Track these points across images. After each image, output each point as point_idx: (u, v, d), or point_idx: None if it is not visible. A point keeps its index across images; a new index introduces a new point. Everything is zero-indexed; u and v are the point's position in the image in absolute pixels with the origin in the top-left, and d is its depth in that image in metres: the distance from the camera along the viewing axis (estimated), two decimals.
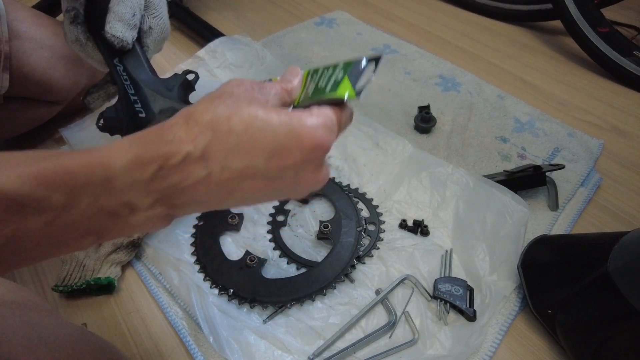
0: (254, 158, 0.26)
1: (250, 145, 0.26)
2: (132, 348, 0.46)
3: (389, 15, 0.98)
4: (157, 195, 0.25)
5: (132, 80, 0.46)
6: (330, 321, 0.46)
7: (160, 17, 0.48)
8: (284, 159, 0.26)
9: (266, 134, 0.26)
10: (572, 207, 0.58)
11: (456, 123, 0.70)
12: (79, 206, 0.23)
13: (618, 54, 0.78)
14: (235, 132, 0.25)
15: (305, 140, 0.26)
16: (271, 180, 0.27)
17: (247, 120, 0.26)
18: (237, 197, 0.27)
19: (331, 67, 0.32)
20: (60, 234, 0.23)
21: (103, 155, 0.24)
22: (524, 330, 0.47)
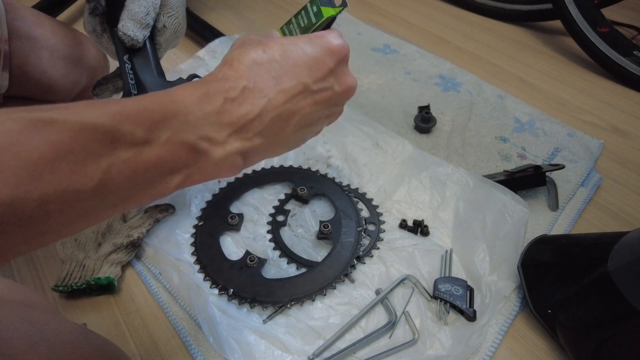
0: (300, 74, 0.30)
1: (292, 66, 0.30)
2: (132, 348, 0.46)
3: (389, 15, 0.98)
4: (229, 128, 0.27)
5: (137, 79, 0.47)
6: (330, 321, 0.46)
7: (175, 17, 0.48)
8: (321, 68, 0.31)
9: (299, 53, 0.31)
10: (572, 207, 0.58)
11: (456, 123, 0.70)
12: (159, 139, 0.24)
13: (618, 54, 0.78)
14: (275, 60, 0.30)
15: (330, 47, 0.32)
16: (318, 93, 0.32)
17: (280, 48, 0.30)
18: (297, 122, 0.31)
19: (300, 11, 0.37)
20: (146, 171, 0.24)
21: (174, 94, 0.26)
22: (524, 330, 0.47)
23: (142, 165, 0.24)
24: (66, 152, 0.21)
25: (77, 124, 0.22)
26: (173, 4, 0.48)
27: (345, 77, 0.34)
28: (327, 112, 0.34)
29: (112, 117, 0.23)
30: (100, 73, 0.71)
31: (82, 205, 0.22)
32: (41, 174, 0.20)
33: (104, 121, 0.23)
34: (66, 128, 0.21)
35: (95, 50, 0.69)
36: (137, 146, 0.24)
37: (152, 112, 0.25)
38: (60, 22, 0.65)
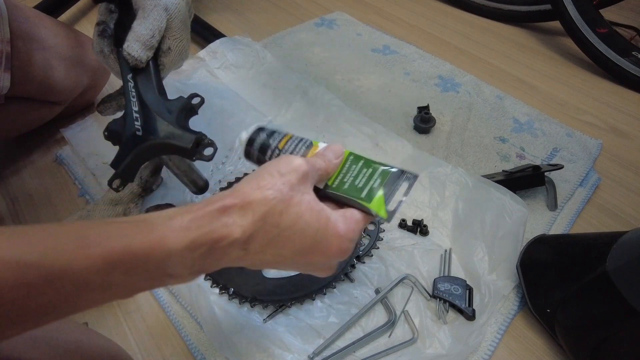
0: (286, 250, 0.30)
1: (288, 240, 0.29)
2: (133, 347, 0.47)
3: (388, 16, 0.99)
4: (196, 268, 0.28)
5: (138, 98, 0.48)
6: (330, 320, 0.47)
7: (180, 40, 0.50)
8: (308, 257, 0.31)
9: (303, 235, 0.30)
10: (570, 207, 0.59)
11: (455, 123, 0.71)
12: (133, 279, 0.25)
13: (617, 55, 0.78)
14: (280, 227, 0.29)
15: (332, 249, 0.31)
16: (289, 266, 0.32)
17: (294, 219, 0.29)
18: (256, 267, 0.31)
19: (371, 165, 0.35)
20: (108, 298, 0.26)
21: (163, 237, 0.25)
22: (522, 329, 0.48)
23: (107, 295, 0.25)
24: (38, 294, 0.22)
25: (59, 271, 0.23)
26: (178, 27, 0.49)
27: (329, 269, 0.33)
28: (292, 270, 0.34)
29: (95, 263, 0.23)
30: (102, 74, 0.71)
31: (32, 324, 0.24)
32: (5, 314, 0.21)
33: (86, 268, 0.23)
34: (48, 274, 0.22)
35: None
36: (110, 286, 0.25)
37: (136, 257, 0.25)
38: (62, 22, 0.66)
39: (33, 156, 0.67)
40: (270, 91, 0.75)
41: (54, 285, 0.23)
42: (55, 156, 0.66)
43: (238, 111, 0.71)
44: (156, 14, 0.46)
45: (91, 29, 0.50)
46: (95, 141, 0.67)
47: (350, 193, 0.33)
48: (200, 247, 0.26)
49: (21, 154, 0.68)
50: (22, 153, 0.68)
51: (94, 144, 0.66)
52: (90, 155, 0.65)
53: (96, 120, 0.70)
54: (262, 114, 0.71)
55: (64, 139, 0.68)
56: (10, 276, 0.21)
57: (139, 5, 0.47)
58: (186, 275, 0.28)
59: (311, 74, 0.81)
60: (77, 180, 0.63)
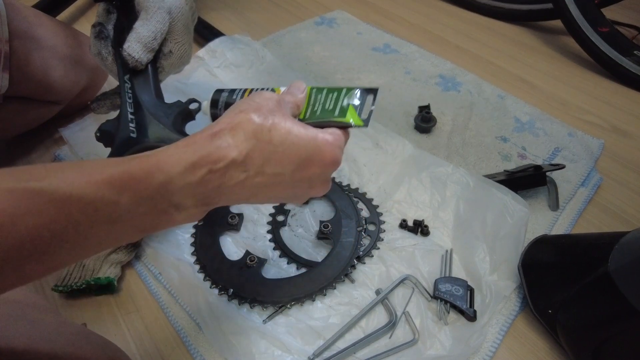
0: (285, 166, 0.30)
1: (284, 155, 0.30)
2: (131, 348, 0.46)
3: (389, 15, 0.98)
4: (200, 196, 0.28)
5: (134, 99, 0.47)
6: (330, 321, 0.46)
7: (182, 44, 0.49)
8: (306, 170, 0.31)
9: (297, 147, 0.31)
10: (572, 207, 0.58)
11: (456, 123, 0.70)
12: (140, 208, 0.26)
13: (618, 54, 0.78)
14: (273, 143, 0.30)
15: (326, 156, 0.32)
16: (291, 186, 0.32)
17: (284, 133, 0.30)
18: (261, 196, 0.32)
19: (335, 90, 0.37)
20: (119, 232, 0.26)
21: (160, 161, 0.26)
22: (524, 330, 0.47)
23: (117, 228, 0.26)
24: (50, 221, 0.23)
25: (65, 195, 0.23)
26: (180, 31, 0.49)
27: (323, 182, 0.34)
28: (298, 195, 0.35)
29: (98, 186, 0.24)
30: (100, 74, 0.71)
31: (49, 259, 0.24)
32: (22, 245, 0.22)
33: (89, 192, 0.24)
34: (54, 198, 0.23)
35: None
36: (119, 212, 0.25)
37: (138, 182, 0.25)
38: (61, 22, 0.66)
39: (32, 156, 0.67)
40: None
41: (63, 211, 0.23)
42: (54, 156, 0.66)
43: None
44: (159, 16, 0.46)
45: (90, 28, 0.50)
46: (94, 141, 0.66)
47: (324, 116, 0.35)
48: (200, 169, 0.27)
49: (20, 153, 0.67)
50: (20, 153, 0.68)
51: (92, 143, 0.66)
52: (89, 155, 0.65)
53: (95, 120, 0.70)
54: None
55: (62, 138, 0.67)
56: (22, 203, 0.22)
57: (142, 6, 0.47)
58: (192, 207, 0.28)
59: (311, 73, 0.80)
60: None
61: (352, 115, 0.35)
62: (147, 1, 0.46)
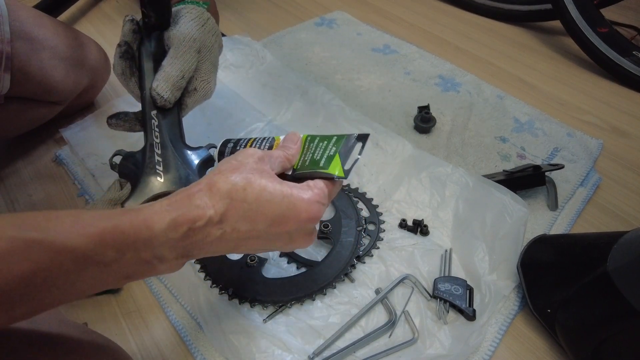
0: (259, 223, 0.32)
1: (258, 213, 0.31)
2: (132, 347, 0.47)
3: (388, 16, 0.98)
4: (182, 249, 0.30)
5: (162, 140, 0.46)
6: (330, 320, 0.47)
7: (207, 82, 0.49)
8: (282, 226, 0.32)
9: (271, 205, 0.32)
10: (571, 206, 0.58)
11: (456, 123, 0.70)
12: (124, 258, 0.28)
13: (617, 54, 0.78)
14: (247, 202, 0.31)
15: (301, 213, 0.32)
16: (269, 240, 0.34)
17: (258, 192, 0.31)
18: (241, 249, 0.34)
19: (326, 138, 0.38)
20: (105, 279, 0.29)
21: (146, 218, 0.29)
22: (523, 329, 0.48)
23: (104, 275, 0.28)
24: (43, 269, 0.25)
25: (60, 246, 0.25)
26: (208, 70, 0.48)
27: (299, 238, 0.35)
28: (273, 247, 0.36)
29: (91, 240, 0.26)
30: (101, 74, 0.71)
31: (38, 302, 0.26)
32: (15, 289, 0.24)
33: (82, 244, 0.26)
34: (49, 249, 0.25)
35: (97, 51, 0.69)
36: (105, 262, 0.27)
37: (126, 236, 0.28)
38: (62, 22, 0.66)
39: (32, 156, 0.67)
40: (270, 91, 0.75)
41: (56, 260, 0.25)
42: (55, 156, 0.66)
43: (238, 111, 0.70)
44: (188, 56, 0.46)
45: (91, 28, 0.50)
46: (95, 141, 0.67)
47: (311, 167, 0.36)
48: (180, 226, 0.29)
49: (20, 153, 0.68)
50: (21, 153, 0.68)
51: (93, 144, 0.66)
52: (90, 155, 0.65)
53: (95, 120, 0.70)
54: (262, 113, 0.70)
55: (63, 139, 0.67)
56: (19, 252, 0.24)
57: (172, 42, 0.46)
58: (173, 260, 0.30)
59: (311, 74, 0.80)
60: (77, 180, 0.63)
61: (336, 166, 0.35)
62: (177, 39, 0.46)
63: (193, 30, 0.47)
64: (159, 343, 0.47)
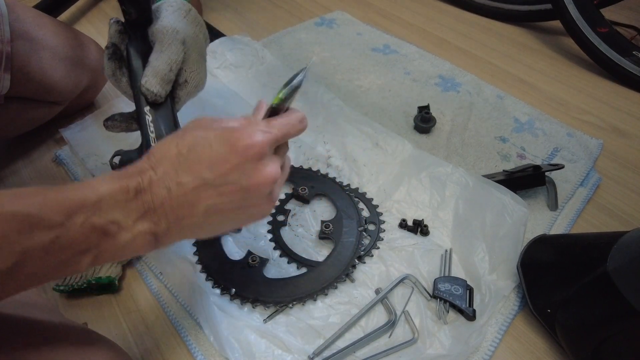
0: (199, 171, 0.31)
1: (194, 161, 0.31)
2: (133, 347, 0.47)
3: (388, 16, 0.98)
4: (136, 213, 0.30)
5: (158, 134, 0.46)
6: (330, 320, 0.47)
7: (197, 73, 0.49)
8: (223, 165, 0.31)
9: (205, 148, 0.31)
10: (571, 206, 0.58)
11: (456, 123, 0.70)
12: (74, 223, 0.27)
13: (617, 54, 0.78)
14: (182, 153, 0.31)
15: (236, 143, 0.31)
16: (220, 187, 0.31)
17: (190, 141, 0.31)
18: (203, 211, 0.32)
19: None
20: (60, 252, 0.27)
21: (92, 184, 0.29)
22: (523, 329, 0.48)
23: (56, 247, 0.27)
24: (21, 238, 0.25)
25: (4, 212, 0.25)
26: (195, 60, 0.48)
27: (254, 173, 0.32)
28: (238, 204, 0.33)
29: (32, 205, 0.26)
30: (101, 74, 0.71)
31: None
32: None
33: (24, 209, 0.26)
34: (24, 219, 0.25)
35: (97, 51, 0.69)
36: (53, 230, 0.27)
37: (72, 201, 0.28)
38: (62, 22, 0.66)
39: (32, 156, 0.67)
40: (270, 91, 0.75)
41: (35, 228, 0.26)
42: (55, 156, 0.66)
43: (237, 111, 0.70)
44: (174, 48, 0.45)
45: (91, 28, 0.50)
46: (95, 141, 0.67)
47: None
48: (125, 188, 0.29)
49: (20, 153, 0.68)
50: (21, 153, 0.68)
51: (93, 144, 0.66)
52: (90, 155, 0.65)
53: (95, 120, 0.70)
54: None
55: (63, 139, 0.67)
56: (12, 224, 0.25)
57: (156, 37, 0.46)
58: (132, 223, 0.30)
59: (311, 74, 0.80)
60: (77, 180, 0.63)
61: (276, 98, 0.35)
62: (160, 32, 0.45)
63: (175, 21, 0.46)
64: (159, 343, 0.47)
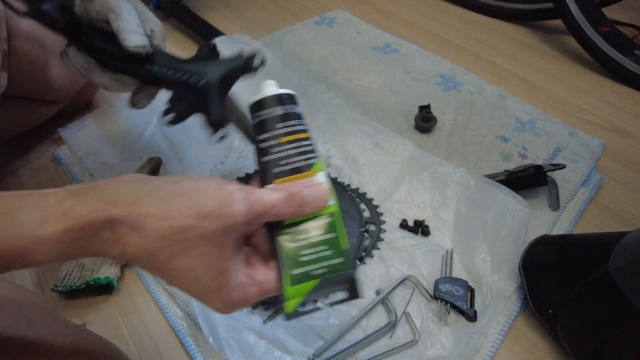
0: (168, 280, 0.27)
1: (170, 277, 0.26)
2: (131, 348, 0.46)
3: (389, 15, 0.98)
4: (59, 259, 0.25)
5: (174, 67, 0.46)
6: (330, 321, 0.46)
7: (154, 21, 0.49)
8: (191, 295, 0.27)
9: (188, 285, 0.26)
10: (573, 207, 0.58)
11: (457, 122, 0.70)
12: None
13: (619, 53, 0.77)
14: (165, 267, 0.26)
15: (215, 306, 0.27)
16: None
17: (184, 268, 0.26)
18: None
19: (335, 248, 0.30)
20: None
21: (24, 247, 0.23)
22: (524, 330, 0.47)
23: None
24: None
25: None
26: (146, 13, 0.49)
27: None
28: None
29: None
30: None
31: None
32: None
33: None
34: None
35: None
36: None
37: None
38: None
39: (31, 156, 0.67)
40: None
41: None
42: (53, 156, 0.66)
43: None
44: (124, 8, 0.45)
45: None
46: (93, 141, 0.66)
47: (287, 259, 0.27)
48: (68, 256, 0.24)
49: (19, 153, 0.67)
50: (19, 153, 0.67)
51: (91, 143, 0.66)
52: (88, 155, 0.64)
53: (94, 120, 0.70)
54: None
55: (61, 138, 0.67)
56: None
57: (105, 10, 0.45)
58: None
59: (311, 73, 0.80)
60: (75, 180, 0.63)
61: (296, 294, 0.29)
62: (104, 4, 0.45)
63: None
64: (158, 344, 0.47)
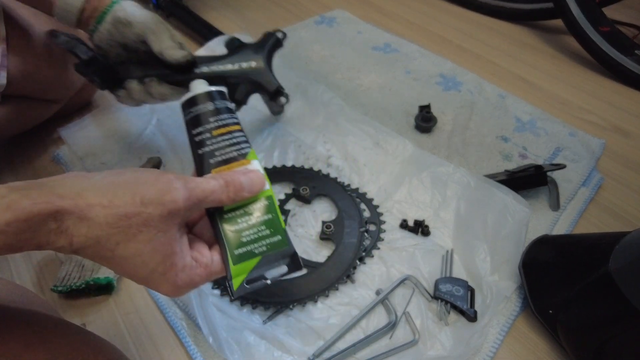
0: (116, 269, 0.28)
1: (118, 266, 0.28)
2: (131, 348, 0.46)
3: (389, 14, 0.98)
4: None
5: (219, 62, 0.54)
6: (330, 322, 0.46)
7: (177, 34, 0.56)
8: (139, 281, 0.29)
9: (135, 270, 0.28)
10: (573, 207, 0.58)
11: (457, 122, 0.70)
12: None
13: (619, 53, 0.77)
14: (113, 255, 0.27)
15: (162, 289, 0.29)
16: None
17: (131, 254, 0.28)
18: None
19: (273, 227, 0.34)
20: None
21: None
22: (525, 330, 0.47)
23: None
24: None
25: None
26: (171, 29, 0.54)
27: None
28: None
29: None
30: None
31: None
32: None
33: None
34: None
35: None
36: None
37: None
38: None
39: (30, 156, 0.67)
40: None
41: None
42: (53, 156, 0.66)
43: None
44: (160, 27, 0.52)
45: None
46: (93, 141, 0.66)
47: (229, 240, 0.29)
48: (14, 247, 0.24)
49: (18, 153, 0.67)
50: (19, 153, 0.67)
51: (91, 143, 0.66)
52: (88, 155, 0.64)
53: (94, 119, 0.69)
54: (261, 112, 0.70)
55: (61, 138, 0.67)
56: None
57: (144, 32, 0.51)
58: None
59: (311, 73, 0.80)
60: None
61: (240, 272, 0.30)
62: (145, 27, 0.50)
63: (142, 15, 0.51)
64: (158, 344, 0.47)
